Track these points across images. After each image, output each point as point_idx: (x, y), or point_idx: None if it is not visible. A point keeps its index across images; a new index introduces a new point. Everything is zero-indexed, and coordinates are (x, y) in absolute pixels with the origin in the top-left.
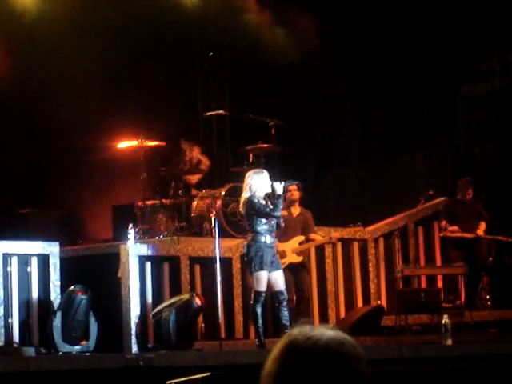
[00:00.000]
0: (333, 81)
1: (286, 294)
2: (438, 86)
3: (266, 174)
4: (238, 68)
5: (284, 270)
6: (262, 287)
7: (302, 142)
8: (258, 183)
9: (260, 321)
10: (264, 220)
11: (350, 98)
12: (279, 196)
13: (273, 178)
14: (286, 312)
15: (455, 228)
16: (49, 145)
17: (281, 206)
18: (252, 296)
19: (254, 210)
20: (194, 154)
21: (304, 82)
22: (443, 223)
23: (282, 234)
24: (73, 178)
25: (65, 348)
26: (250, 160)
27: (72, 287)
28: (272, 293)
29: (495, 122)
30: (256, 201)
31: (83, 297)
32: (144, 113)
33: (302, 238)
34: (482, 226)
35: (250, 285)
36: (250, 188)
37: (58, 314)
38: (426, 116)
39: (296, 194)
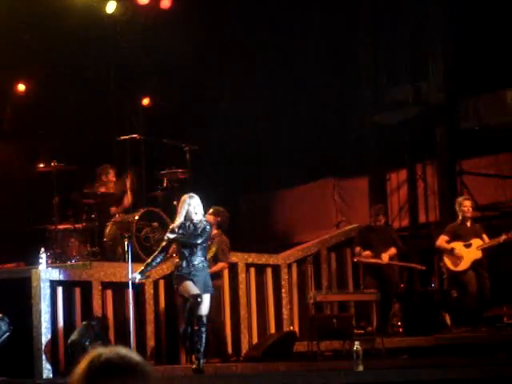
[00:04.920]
0: (249, 106)
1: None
2: (349, 114)
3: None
4: (153, 93)
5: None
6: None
7: (216, 167)
8: (200, 208)
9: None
10: None
11: (262, 127)
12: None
13: None
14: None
15: (368, 253)
16: None
17: None
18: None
19: (209, 236)
20: (110, 177)
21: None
22: (357, 249)
23: None
24: None
25: None
26: (164, 185)
27: None
28: (197, 316)
29: (407, 150)
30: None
31: (6, 329)
32: (58, 136)
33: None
34: (390, 251)
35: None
36: (196, 212)
37: None
38: (337, 143)
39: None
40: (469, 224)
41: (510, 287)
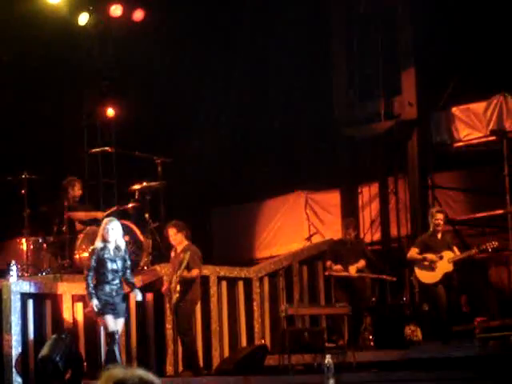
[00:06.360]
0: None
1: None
2: (322, 128)
3: None
4: (125, 105)
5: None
6: None
7: (187, 179)
8: (119, 232)
9: None
10: None
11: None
12: None
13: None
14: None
15: (339, 267)
16: None
17: None
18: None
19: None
20: (76, 190)
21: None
22: (328, 263)
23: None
24: None
25: None
26: (136, 197)
27: None
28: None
29: (379, 164)
30: None
31: None
32: (30, 148)
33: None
34: (359, 263)
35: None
36: (115, 236)
37: None
38: (309, 157)
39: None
40: (439, 236)
41: (481, 303)
